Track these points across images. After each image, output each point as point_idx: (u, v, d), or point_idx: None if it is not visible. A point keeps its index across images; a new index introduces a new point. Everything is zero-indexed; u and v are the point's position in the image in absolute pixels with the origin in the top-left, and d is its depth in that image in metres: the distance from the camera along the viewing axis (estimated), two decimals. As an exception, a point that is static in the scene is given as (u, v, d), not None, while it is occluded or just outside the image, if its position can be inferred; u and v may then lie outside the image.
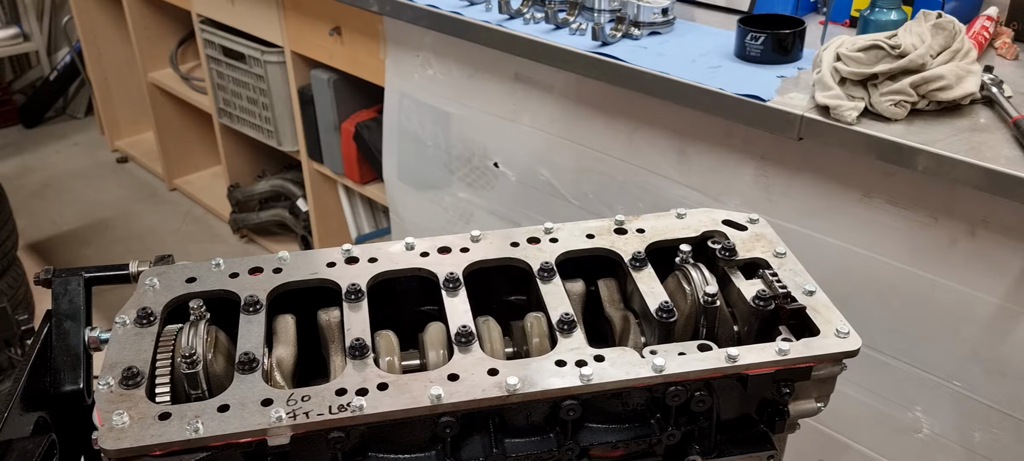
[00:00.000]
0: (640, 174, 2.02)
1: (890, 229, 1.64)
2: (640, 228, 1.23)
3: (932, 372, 1.70)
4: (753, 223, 1.24)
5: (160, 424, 0.89)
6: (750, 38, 1.79)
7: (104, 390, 0.93)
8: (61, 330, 1.11)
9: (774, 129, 1.64)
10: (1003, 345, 1.58)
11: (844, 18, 2.01)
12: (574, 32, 1.98)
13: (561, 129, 2.13)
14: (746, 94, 1.65)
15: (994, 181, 1.40)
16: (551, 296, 1.10)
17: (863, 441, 1.88)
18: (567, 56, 1.92)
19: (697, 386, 1.00)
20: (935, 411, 1.73)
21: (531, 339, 1.07)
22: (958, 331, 1.62)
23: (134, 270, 1.15)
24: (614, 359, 0.98)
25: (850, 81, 1.56)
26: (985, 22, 1.84)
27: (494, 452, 0.99)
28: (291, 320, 1.10)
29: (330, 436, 0.92)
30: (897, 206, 1.62)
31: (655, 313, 1.05)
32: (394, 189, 2.74)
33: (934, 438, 1.75)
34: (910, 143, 1.48)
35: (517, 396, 0.94)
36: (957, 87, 1.53)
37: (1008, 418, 1.63)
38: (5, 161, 4.88)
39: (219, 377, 1.00)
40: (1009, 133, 1.49)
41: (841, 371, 1.05)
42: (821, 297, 1.09)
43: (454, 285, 1.11)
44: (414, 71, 2.42)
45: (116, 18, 4.22)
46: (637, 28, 1.95)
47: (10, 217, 3.02)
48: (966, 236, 1.56)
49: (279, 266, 1.14)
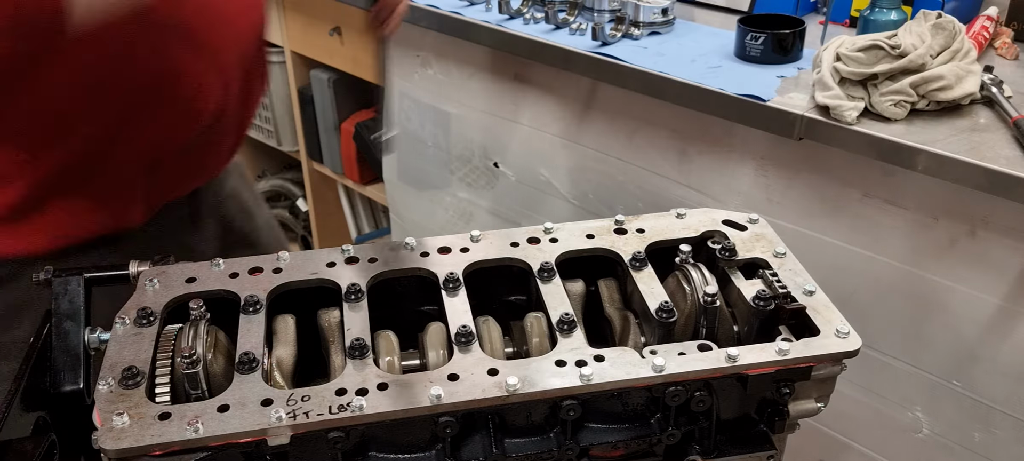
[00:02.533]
0: (640, 174, 2.02)
1: (890, 229, 1.64)
2: (640, 228, 1.23)
3: (932, 372, 1.70)
4: (753, 223, 1.24)
5: (160, 424, 0.89)
6: (750, 38, 1.79)
7: (104, 390, 0.93)
8: (61, 330, 1.11)
9: (774, 129, 1.64)
10: (1003, 345, 1.58)
11: (844, 18, 2.01)
12: (574, 32, 1.98)
13: (561, 129, 2.13)
14: (746, 94, 1.65)
15: (994, 181, 1.40)
16: (551, 296, 1.10)
17: (863, 441, 1.88)
18: (567, 56, 1.92)
19: (697, 386, 1.00)
20: (935, 411, 1.73)
21: (531, 339, 1.07)
22: (958, 331, 1.62)
23: (134, 270, 1.15)
24: (614, 359, 0.98)
25: (850, 81, 1.56)
26: (985, 22, 1.84)
27: (494, 452, 0.99)
28: (291, 320, 1.10)
29: (330, 436, 0.92)
30: (897, 206, 1.62)
31: (655, 313, 1.05)
32: (394, 189, 2.74)
33: (934, 438, 1.75)
34: (910, 143, 1.48)
35: (517, 396, 0.94)
36: (957, 87, 1.53)
37: (1008, 418, 1.63)
38: (5, 161, 4.87)
39: (219, 377, 1.00)
40: (1009, 133, 1.49)
41: (841, 371, 1.05)
42: (821, 297, 1.09)
43: (454, 285, 1.11)
44: (414, 71, 2.42)
45: (116, 18, 4.22)
46: (637, 28, 1.96)
47: (10, 217, 3.01)
48: (966, 236, 1.56)
49: (279, 266, 1.14)
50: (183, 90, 1.30)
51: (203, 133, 1.38)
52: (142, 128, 1.30)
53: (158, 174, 1.38)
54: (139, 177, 1.36)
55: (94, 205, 1.33)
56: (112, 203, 1.35)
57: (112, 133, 1.28)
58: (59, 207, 1.30)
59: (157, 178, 1.39)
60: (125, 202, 1.37)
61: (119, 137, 1.29)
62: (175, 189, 1.46)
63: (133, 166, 1.34)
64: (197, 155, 1.44)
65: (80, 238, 1.33)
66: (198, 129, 1.36)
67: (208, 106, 1.34)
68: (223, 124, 1.42)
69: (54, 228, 1.30)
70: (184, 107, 1.32)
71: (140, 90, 1.27)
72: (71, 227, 1.32)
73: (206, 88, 1.33)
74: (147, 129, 1.31)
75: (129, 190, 1.36)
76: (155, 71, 1.26)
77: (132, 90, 1.26)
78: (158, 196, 1.42)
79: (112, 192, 1.35)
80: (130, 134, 1.29)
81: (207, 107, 1.34)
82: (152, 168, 1.37)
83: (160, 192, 1.42)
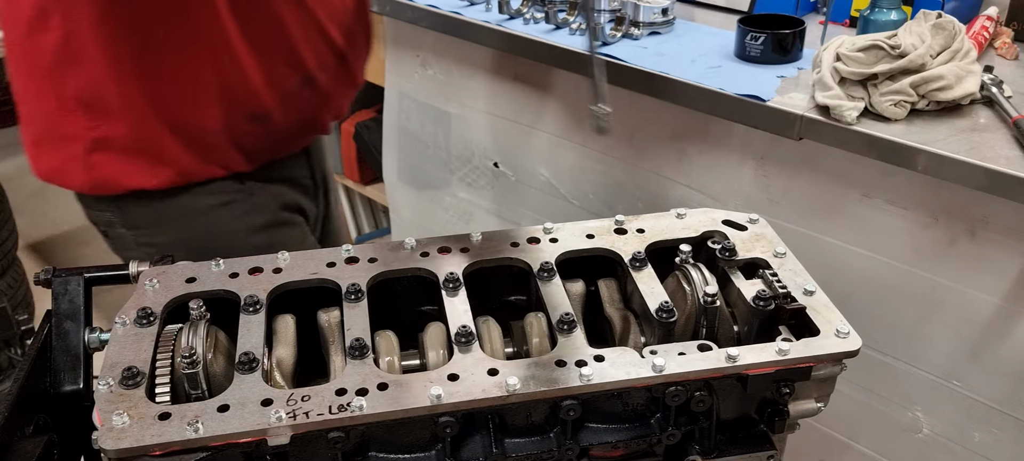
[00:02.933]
0: (640, 174, 2.02)
1: (890, 229, 1.64)
2: (640, 228, 1.23)
3: (932, 372, 1.70)
4: (753, 223, 1.24)
5: (160, 424, 0.89)
6: (750, 38, 1.79)
7: (104, 390, 0.93)
8: (61, 330, 1.11)
9: (774, 129, 1.64)
10: (1003, 345, 1.58)
11: (844, 18, 2.01)
12: (574, 32, 1.97)
13: (561, 129, 2.13)
14: (746, 94, 1.65)
15: (994, 181, 1.40)
16: (551, 296, 1.10)
17: (863, 441, 1.88)
18: (567, 56, 1.91)
19: (697, 386, 1.00)
20: (935, 411, 1.73)
21: (531, 339, 1.07)
22: (958, 331, 1.62)
23: (134, 270, 1.15)
24: (614, 359, 0.98)
25: (850, 81, 1.56)
26: (985, 22, 1.84)
27: (494, 452, 0.99)
28: (291, 320, 1.10)
29: (330, 436, 0.92)
30: (897, 206, 1.62)
31: (655, 313, 1.05)
32: (394, 189, 2.74)
33: (934, 438, 1.75)
34: (910, 143, 1.47)
35: (517, 396, 0.94)
36: (957, 87, 1.53)
37: (1008, 418, 1.63)
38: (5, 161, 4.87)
39: (219, 377, 1.00)
40: (1009, 133, 1.49)
41: (841, 371, 1.05)
42: (821, 297, 1.09)
43: (454, 285, 1.11)
44: (414, 71, 2.42)
45: (116, 18, 4.22)
46: (637, 28, 1.95)
47: (10, 217, 3.02)
48: (966, 236, 1.56)
49: (279, 266, 1.14)
50: (284, 38, 1.42)
51: (304, 83, 1.47)
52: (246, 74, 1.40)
53: (266, 124, 1.47)
54: (241, 123, 1.45)
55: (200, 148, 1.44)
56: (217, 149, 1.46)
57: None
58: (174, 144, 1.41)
59: (265, 127, 1.47)
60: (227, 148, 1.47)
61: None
62: (282, 144, 1.56)
63: (238, 111, 1.43)
64: (301, 108, 1.52)
65: (198, 176, 1.45)
66: (298, 80, 1.46)
67: (307, 58, 1.45)
68: (323, 79, 1.51)
69: (176, 164, 1.42)
70: (284, 57, 1.43)
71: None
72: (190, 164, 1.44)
73: (306, 41, 1.45)
74: (251, 75, 1.40)
75: (232, 136, 1.46)
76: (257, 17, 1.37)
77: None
78: (267, 147, 1.52)
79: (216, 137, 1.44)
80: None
81: (306, 59, 1.45)
82: (257, 117, 1.45)
83: (269, 144, 1.52)
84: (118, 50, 1.31)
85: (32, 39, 1.31)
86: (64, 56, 1.31)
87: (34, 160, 1.45)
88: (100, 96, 1.34)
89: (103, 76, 1.32)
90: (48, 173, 1.45)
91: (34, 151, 1.45)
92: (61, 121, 1.37)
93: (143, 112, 1.36)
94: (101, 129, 1.36)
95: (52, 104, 1.36)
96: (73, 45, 1.29)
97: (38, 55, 1.32)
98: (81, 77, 1.32)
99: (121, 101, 1.34)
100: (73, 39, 1.29)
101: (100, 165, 1.39)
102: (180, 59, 1.35)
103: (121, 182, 1.41)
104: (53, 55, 1.31)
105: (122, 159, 1.39)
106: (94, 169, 1.39)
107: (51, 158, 1.43)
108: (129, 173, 1.40)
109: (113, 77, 1.32)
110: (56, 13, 1.27)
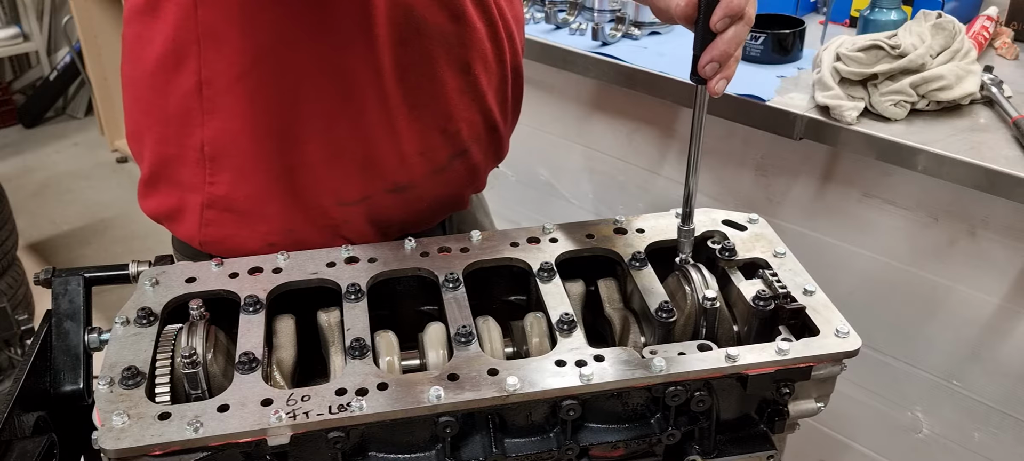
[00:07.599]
0: (640, 174, 2.02)
1: (890, 229, 1.64)
2: (640, 228, 1.23)
3: (932, 372, 1.70)
4: (753, 223, 1.24)
5: (160, 424, 0.89)
6: (750, 38, 1.79)
7: (104, 390, 0.93)
8: (61, 330, 1.11)
9: (774, 129, 1.64)
10: (1003, 345, 1.58)
11: (844, 18, 2.01)
12: (574, 32, 1.98)
13: (561, 129, 2.13)
14: (746, 94, 1.65)
15: (994, 181, 1.40)
16: (551, 296, 1.10)
17: (863, 441, 1.88)
18: (567, 56, 1.92)
19: (697, 386, 1.00)
20: (935, 411, 1.73)
21: (531, 339, 1.07)
22: (958, 331, 1.62)
23: (134, 270, 1.15)
24: (614, 359, 0.98)
25: (850, 81, 1.56)
26: (985, 22, 1.84)
27: (494, 452, 0.99)
28: (291, 320, 1.10)
29: (330, 436, 0.92)
30: (897, 206, 1.62)
31: (655, 313, 1.05)
32: (394, 189, 2.74)
33: (934, 438, 1.75)
34: (910, 143, 1.48)
35: (517, 396, 0.94)
36: (957, 87, 1.53)
37: (1008, 418, 1.63)
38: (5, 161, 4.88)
39: (219, 377, 1.00)
40: (1009, 133, 1.49)
41: (841, 371, 1.05)
42: (821, 297, 1.09)
43: (454, 285, 1.11)
44: (414, 71, 2.42)
45: (116, 18, 4.23)
46: (637, 28, 1.95)
47: (10, 217, 3.02)
48: (966, 236, 1.56)
49: (279, 266, 1.14)
50: (444, 106, 1.28)
51: (456, 155, 1.33)
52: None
53: (406, 195, 1.32)
54: (380, 196, 1.30)
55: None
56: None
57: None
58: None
59: (405, 199, 1.33)
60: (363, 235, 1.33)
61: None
62: (419, 217, 1.38)
63: (380, 183, 1.29)
64: (448, 181, 1.36)
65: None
66: (450, 152, 1.32)
67: (462, 129, 1.31)
68: (475, 151, 1.36)
69: (296, 233, 1.28)
70: (440, 126, 1.29)
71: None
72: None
73: (464, 110, 1.30)
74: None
75: (367, 209, 1.31)
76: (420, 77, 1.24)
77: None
78: (401, 221, 1.35)
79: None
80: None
81: (462, 130, 1.31)
82: (400, 188, 1.31)
83: (404, 217, 1.35)
84: (257, 106, 1.18)
85: (161, 78, 1.19)
86: (195, 104, 1.19)
87: (143, 197, 1.32)
88: (228, 151, 1.21)
89: (236, 130, 1.20)
90: (156, 214, 1.32)
91: (145, 189, 1.31)
92: (180, 168, 1.24)
93: (273, 173, 1.23)
94: (223, 186, 1.23)
95: (173, 148, 1.24)
96: (207, 94, 1.18)
97: (165, 96, 1.20)
98: (211, 128, 1.20)
99: (252, 161, 1.22)
100: (208, 87, 1.17)
101: (215, 222, 1.26)
102: (328, 120, 1.21)
103: (235, 245, 1.27)
104: (183, 101, 1.19)
105: (239, 221, 1.26)
106: (209, 226, 1.26)
107: (163, 201, 1.30)
108: (244, 236, 1.27)
109: (247, 133, 1.20)
110: (192, 58, 1.16)
